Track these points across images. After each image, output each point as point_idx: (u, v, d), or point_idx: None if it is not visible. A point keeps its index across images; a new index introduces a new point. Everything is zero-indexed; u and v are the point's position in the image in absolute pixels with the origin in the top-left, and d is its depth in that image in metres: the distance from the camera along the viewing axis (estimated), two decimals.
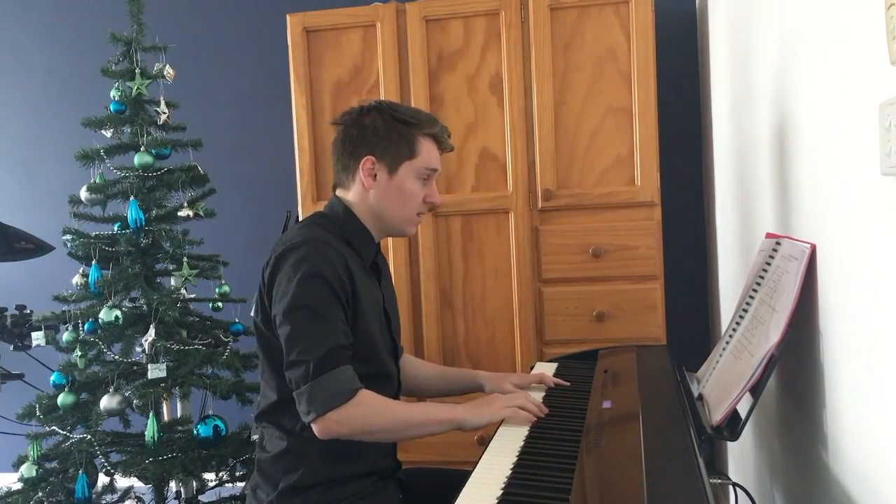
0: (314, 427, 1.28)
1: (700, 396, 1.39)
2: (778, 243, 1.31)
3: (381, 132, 1.41)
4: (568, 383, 1.58)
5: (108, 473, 2.06)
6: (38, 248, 2.43)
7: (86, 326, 2.13)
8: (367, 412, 1.30)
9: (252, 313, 1.45)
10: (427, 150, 1.44)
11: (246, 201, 2.95)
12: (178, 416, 2.26)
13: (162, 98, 2.24)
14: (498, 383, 1.60)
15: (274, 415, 1.40)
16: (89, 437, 2.03)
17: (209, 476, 2.18)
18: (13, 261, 2.49)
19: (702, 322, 2.73)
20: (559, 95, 2.22)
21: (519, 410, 1.36)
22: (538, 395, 1.47)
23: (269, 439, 1.42)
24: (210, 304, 2.32)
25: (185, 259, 2.17)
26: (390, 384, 1.48)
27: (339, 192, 1.48)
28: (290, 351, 1.30)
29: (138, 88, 2.19)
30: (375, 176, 1.42)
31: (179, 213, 2.19)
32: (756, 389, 1.16)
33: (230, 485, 2.19)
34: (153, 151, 2.18)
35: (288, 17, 2.34)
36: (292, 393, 1.30)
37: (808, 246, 1.13)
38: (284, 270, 1.32)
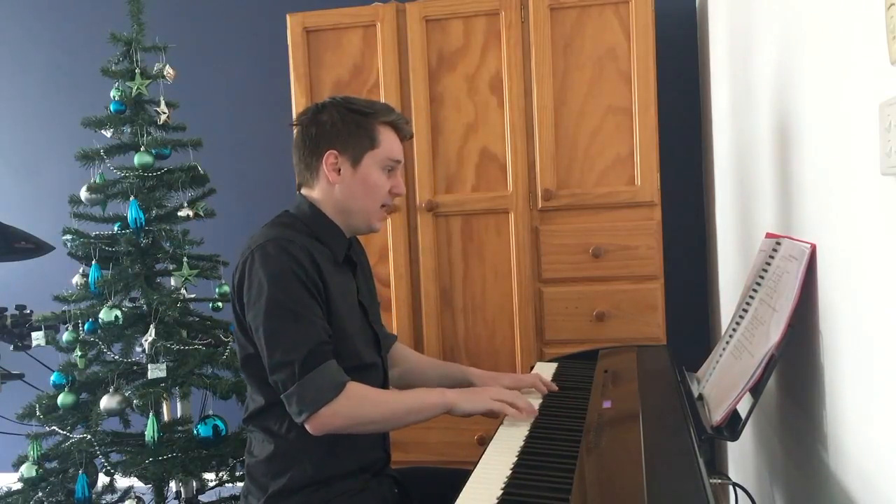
0: (308, 425, 1.28)
1: (700, 396, 1.39)
2: (778, 243, 1.31)
3: (339, 125, 1.42)
4: (557, 388, 1.56)
5: (108, 473, 2.06)
6: (37, 248, 2.43)
7: (86, 326, 2.13)
8: (360, 403, 1.31)
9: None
10: (387, 139, 1.44)
11: (246, 201, 2.95)
12: (178, 416, 2.26)
13: (162, 98, 2.24)
14: (489, 383, 1.58)
15: (261, 418, 1.39)
16: (89, 437, 2.03)
17: (209, 476, 2.18)
18: (13, 261, 2.50)
19: (702, 322, 2.73)
20: (559, 95, 2.22)
21: (507, 406, 1.36)
22: (536, 402, 1.46)
23: (256, 443, 1.41)
24: (210, 304, 2.32)
25: (185, 259, 2.17)
26: (375, 375, 1.46)
27: (304, 191, 1.48)
28: (271, 353, 1.29)
29: (138, 88, 2.19)
30: (339, 170, 1.42)
31: (179, 213, 2.20)
32: (756, 389, 1.16)
33: (230, 485, 2.19)
34: (153, 151, 2.18)
35: (288, 17, 2.34)
36: (279, 395, 1.30)
37: (809, 246, 1.13)
38: (253, 273, 1.31)
